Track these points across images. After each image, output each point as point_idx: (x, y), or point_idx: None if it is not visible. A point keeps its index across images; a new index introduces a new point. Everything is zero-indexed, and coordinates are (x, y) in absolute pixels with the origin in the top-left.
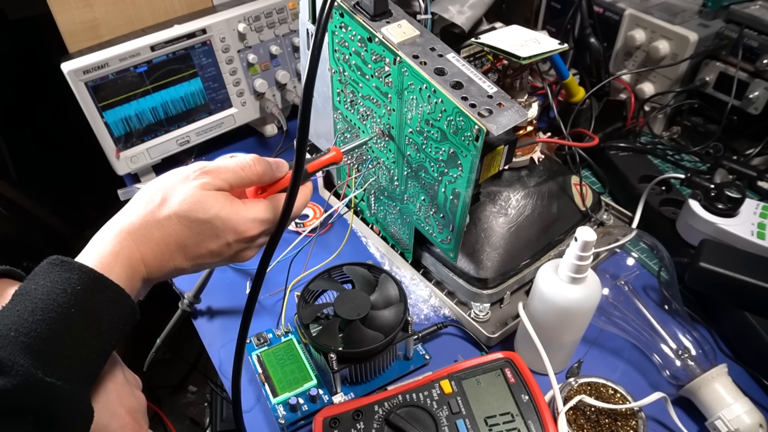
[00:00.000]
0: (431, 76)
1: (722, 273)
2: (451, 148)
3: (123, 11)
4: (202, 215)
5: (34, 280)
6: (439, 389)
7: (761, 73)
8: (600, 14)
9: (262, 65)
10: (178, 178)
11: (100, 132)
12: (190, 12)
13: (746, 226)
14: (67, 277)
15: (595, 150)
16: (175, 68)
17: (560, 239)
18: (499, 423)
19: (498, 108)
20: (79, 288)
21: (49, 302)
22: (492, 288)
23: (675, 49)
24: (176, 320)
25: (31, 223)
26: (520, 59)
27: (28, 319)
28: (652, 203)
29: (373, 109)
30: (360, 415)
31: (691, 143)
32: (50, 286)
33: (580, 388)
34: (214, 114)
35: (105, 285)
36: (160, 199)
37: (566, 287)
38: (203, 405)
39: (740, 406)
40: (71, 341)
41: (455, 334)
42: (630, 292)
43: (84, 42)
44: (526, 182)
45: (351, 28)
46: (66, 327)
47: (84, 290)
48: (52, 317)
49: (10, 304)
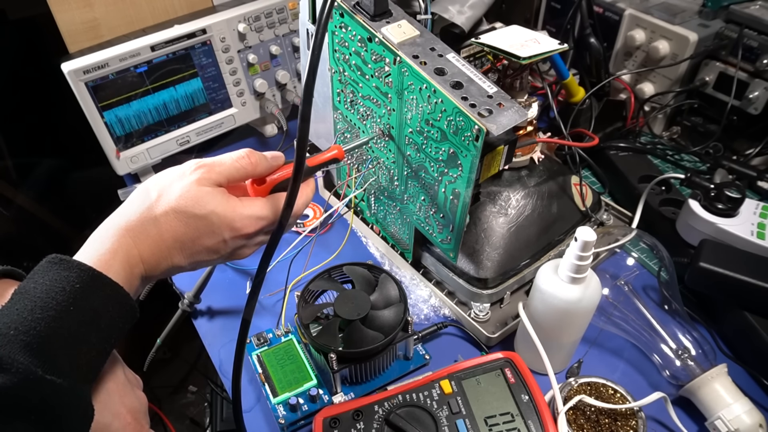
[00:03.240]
0: (431, 76)
1: (722, 273)
2: (451, 148)
3: (123, 11)
4: (198, 211)
5: (33, 278)
6: (439, 389)
7: (761, 73)
8: (600, 14)
9: (262, 65)
10: (175, 175)
11: (100, 132)
12: (190, 12)
13: (746, 226)
14: (66, 275)
15: (595, 150)
16: (175, 68)
17: (560, 239)
18: (499, 423)
19: (498, 108)
20: (78, 286)
21: (48, 300)
22: (492, 288)
23: (675, 49)
24: (176, 320)
25: (31, 223)
26: (520, 59)
27: (28, 317)
28: (652, 203)
29: (373, 109)
30: (360, 415)
31: (691, 143)
32: (49, 285)
33: (580, 388)
34: (214, 114)
35: (104, 283)
36: (157, 195)
37: (566, 287)
38: (203, 405)
39: (740, 406)
40: (71, 339)
41: (455, 334)
42: (630, 292)
43: (84, 42)
44: (526, 182)
45: (351, 28)
46: (65, 325)
47: (83, 288)
48: (52, 315)
49: (9, 302)
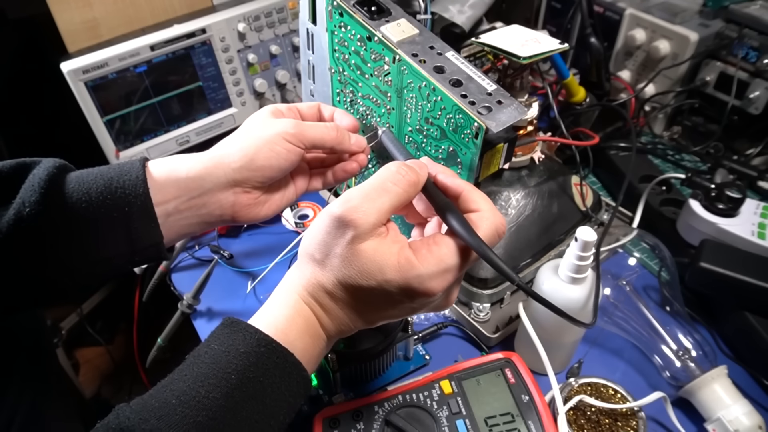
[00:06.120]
0: (430, 74)
1: (723, 273)
2: (450, 146)
3: (122, 11)
4: (365, 283)
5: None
6: (439, 389)
7: (761, 73)
8: (600, 14)
9: (261, 65)
10: (327, 230)
11: (99, 132)
12: (190, 12)
13: (747, 226)
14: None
15: (595, 150)
16: (174, 68)
17: (560, 239)
18: (500, 423)
19: (497, 105)
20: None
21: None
22: (492, 288)
23: (675, 48)
24: (176, 321)
25: None
26: (521, 59)
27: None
28: (652, 203)
29: (373, 108)
30: (360, 416)
31: (692, 143)
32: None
33: (581, 389)
34: (213, 114)
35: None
36: (320, 257)
37: (566, 287)
38: None
39: (739, 408)
40: None
41: (455, 334)
42: (631, 293)
43: (83, 42)
44: (526, 182)
45: (350, 27)
46: None
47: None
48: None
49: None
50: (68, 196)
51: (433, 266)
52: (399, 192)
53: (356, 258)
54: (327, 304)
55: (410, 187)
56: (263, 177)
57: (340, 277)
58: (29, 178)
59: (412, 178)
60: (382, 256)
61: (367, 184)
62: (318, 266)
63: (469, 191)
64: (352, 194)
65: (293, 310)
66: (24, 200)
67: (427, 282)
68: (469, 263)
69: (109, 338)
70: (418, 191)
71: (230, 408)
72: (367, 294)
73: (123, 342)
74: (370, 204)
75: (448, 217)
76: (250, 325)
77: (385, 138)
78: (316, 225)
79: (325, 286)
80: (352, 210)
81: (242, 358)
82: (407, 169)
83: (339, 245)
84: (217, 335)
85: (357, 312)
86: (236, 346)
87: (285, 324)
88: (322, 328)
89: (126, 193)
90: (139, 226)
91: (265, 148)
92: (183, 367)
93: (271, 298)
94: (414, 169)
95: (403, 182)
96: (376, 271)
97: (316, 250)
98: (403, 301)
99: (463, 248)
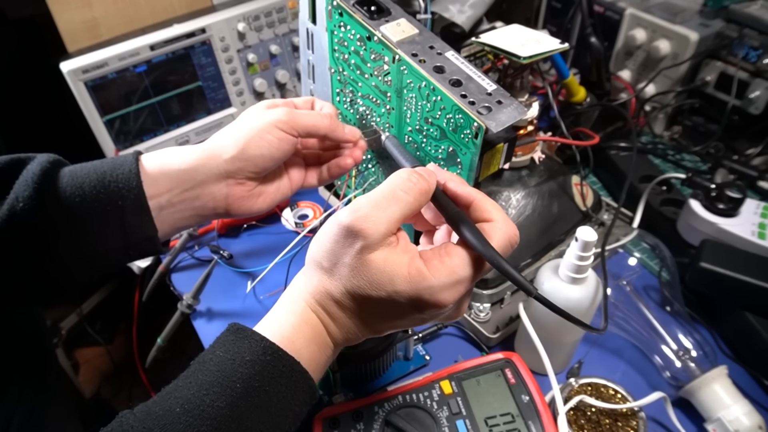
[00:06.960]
0: (430, 74)
1: (723, 273)
2: (450, 146)
3: (122, 11)
4: (374, 293)
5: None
6: (439, 390)
7: (761, 73)
8: (600, 14)
9: (261, 65)
10: (336, 238)
11: (99, 132)
12: (190, 11)
13: (747, 226)
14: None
15: (595, 150)
16: (174, 68)
17: (561, 239)
18: (500, 424)
19: (497, 105)
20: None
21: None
22: (492, 288)
23: (675, 48)
24: (175, 321)
25: None
26: (521, 59)
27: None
28: (652, 203)
29: (373, 108)
30: (360, 416)
31: (692, 143)
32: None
33: (581, 389)
34: (213, 113)
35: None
36: (328, 266)
37: (566, 287)
38: None
39: (739, 408)
40: None
41: (455, 335)
42: (631, 293)
43: (83, 41)
44: (526, 182)
45: (350, 27)
46: None
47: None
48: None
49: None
50: (62, 191)
51: (445, 278)
52: (410, 201)
53: (366, 268)
54: (334, 312)
55: (421, 195)
56: (256, 167)
57: (348, 286)
58: (23, 173)
59: (423, 186)
60: (392, 266)
61: (376, 192)
62: (326, 274)
63: (480, 200)
64: (361, 203)
65: (300, 317)
66: (17, 195)
67: (438, 294)
68: (481, 274)
69: (108, 338)
70: (428, 200)
71: (235, 417)
72: (376, 304)
73: (122, 342)
74: (380, 213)
75: (461, 227)
76: (256, 333)
77: (389, 144)
78: (324, 232)
79: (332, 294)
80: (361, 219)
81: (248, 367)
82: (418, 176)
83: (348, 255)
84: (222, 342)
85: (365, 321)
86: (242, 354)
87: (292, 332)
88: (329, 336)
89: (119, 186)
90: (132, 220)
91: (257, 137)
92: (188, 373)
93: (277, 305)
94: (424, 177)
95: (414, 191)
96: (386, 281)
97: (324, 258)
98: (413, 312)
99: (476, 259)
